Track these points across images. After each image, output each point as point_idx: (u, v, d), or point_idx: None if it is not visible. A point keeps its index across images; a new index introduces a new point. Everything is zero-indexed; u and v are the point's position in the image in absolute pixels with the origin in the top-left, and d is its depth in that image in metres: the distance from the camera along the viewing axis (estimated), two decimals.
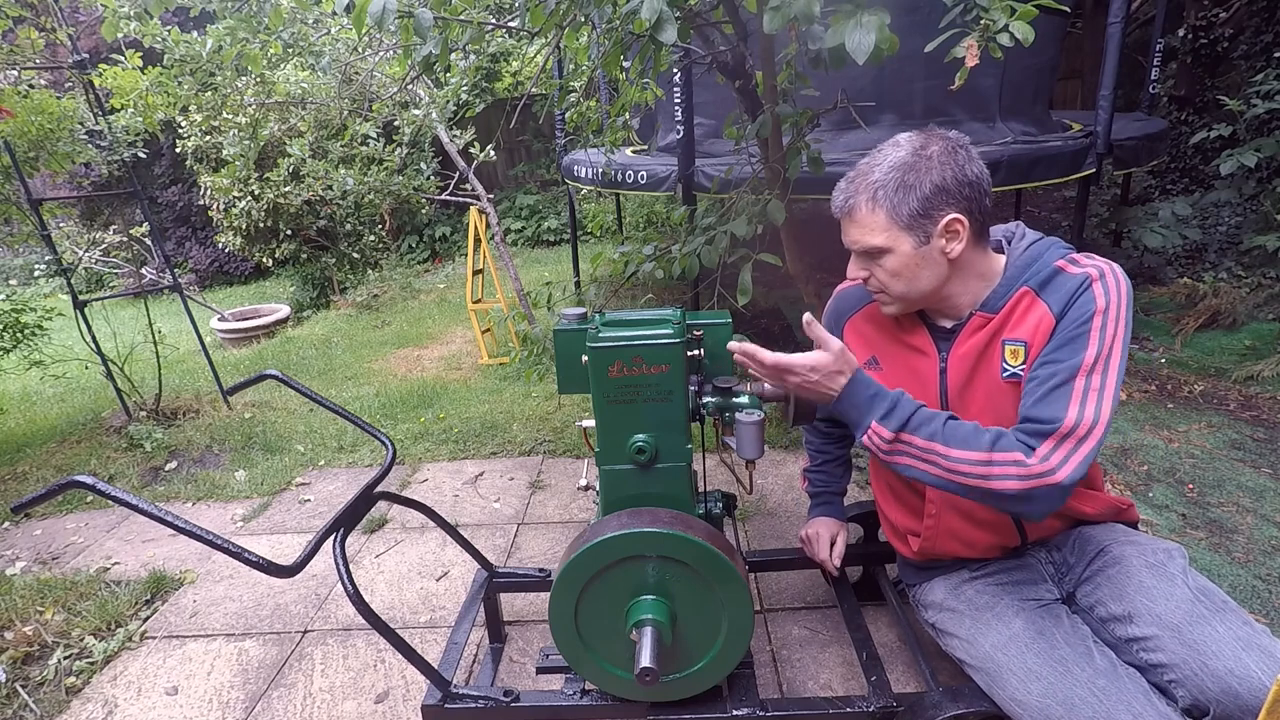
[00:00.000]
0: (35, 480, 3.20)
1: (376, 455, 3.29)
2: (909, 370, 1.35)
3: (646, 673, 1.21)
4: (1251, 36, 5.36)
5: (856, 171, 1.23)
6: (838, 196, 1.25)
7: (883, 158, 1.20)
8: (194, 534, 1.13)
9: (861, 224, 1.21)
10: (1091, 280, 1.16)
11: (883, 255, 1.21)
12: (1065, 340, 1.15)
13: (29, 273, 9.10)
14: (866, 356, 1.41)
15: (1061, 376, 1.13)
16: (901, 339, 1.36)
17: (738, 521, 2.48)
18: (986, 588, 1.34)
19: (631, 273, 2.71)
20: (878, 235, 1.20)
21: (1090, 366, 1.12)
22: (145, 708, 1.88)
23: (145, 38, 2.99)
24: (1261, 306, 3.85)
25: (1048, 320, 1.18)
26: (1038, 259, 1.23)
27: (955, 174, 1.15)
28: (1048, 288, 1.20)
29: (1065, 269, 1.20)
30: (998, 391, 1.24)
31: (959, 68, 1.53)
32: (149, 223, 3.91)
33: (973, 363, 1.26)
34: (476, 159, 4.72)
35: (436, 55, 2.11)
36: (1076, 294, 1.16)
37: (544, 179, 8.99)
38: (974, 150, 1.20)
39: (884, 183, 1.17)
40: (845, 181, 1.24)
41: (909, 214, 1.17)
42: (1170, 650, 1.10)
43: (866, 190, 1.19)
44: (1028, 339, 1.20)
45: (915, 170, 1.16)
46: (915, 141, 1.19)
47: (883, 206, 1.18)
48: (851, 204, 1.22)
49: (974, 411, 1.27)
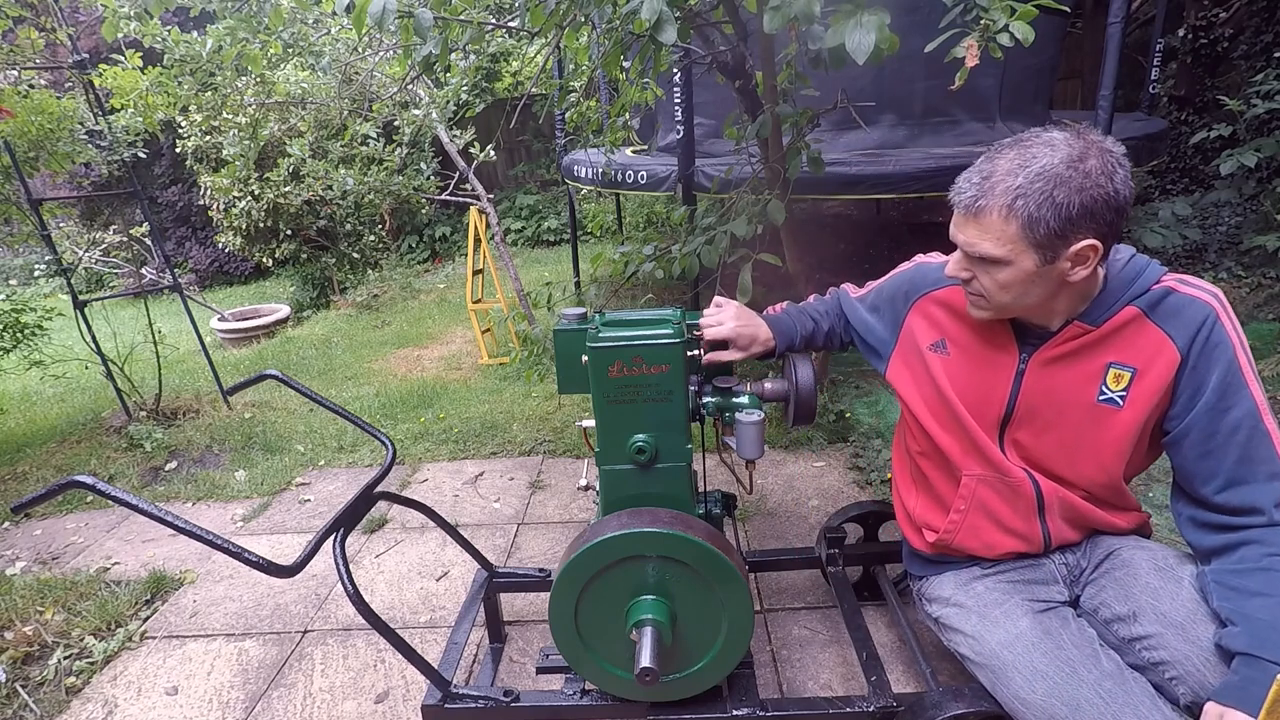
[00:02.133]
0: (35, 480, 3.20)
1: (376, 455, 3.29)
2: (981, 362, 1.27)
3: (646, 673, 1.21)
4: (1251, 36, 5.36)
5: (994, 166, 1.06)
6: (966, 190, 1.08)
7: (1030, 158, 1.02)
8: (194, 534, 1.13)
9: (987, 229, 1.06)
10: (1217, 314, 1.09)
11: (997, 266, 1.08)
12: (1221, 389, 1.08)
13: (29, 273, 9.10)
14: (935, 338, 1.33)
15: (1246, 430, 1.07)
16: (981, 330, 1.27)
17: (738, 521, 2.48)
18: (996, 585, 1.33)
19: (631, 273, 2.71)
20: (1001, 246, 1.06)
21: (1265, 407, 1.08)
22: (145, 708, 1.88)
23: (145, 38, 2.99)
24: (1261, 306, 3.85)
25: (1171, 354, 1.10)
26: (1140, 274, 1.14)
27: (1108, 197, 1.01)
28: (1160, 311, 1.12)
29: (1177, 289, 1.12)
30: (1085, 413, 1.18)
31: (959, 68, 1.53)
32: (149, 223, 3.91)
33: (1057, 375, 1.19)
34: (476, 159, 4.72)
35: (436, 55, 2.11)
36: (1205, 330, 1.08)
37: (544, 179, 8.99)
38: (1128, 166, 1.05)
39: (1027, 191, 1.01)
40: (979, 175, 1.07)
41: (1045, 233, 1.02)
42: (1173, 647, 1.10)
43: (1005, 195, 1.03)
44: (1139, 366, 1.12)
45: (1067, 186, 1.00)
46: (1073, 148, 1.02)
47: (1019, 217, 1.02)
48: (983, 205, 1.05)
49: (1042, 425, 1.23)
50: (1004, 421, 1.28)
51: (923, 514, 1.44)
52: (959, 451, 1.32)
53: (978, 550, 1.36)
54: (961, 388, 1.29)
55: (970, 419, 1.28)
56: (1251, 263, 4.33)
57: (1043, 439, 1.25)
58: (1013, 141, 1.07)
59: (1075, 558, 1.35)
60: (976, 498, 1.31)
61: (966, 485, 1.32)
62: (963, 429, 1.29)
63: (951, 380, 1.30)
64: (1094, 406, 1.17)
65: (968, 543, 1.35)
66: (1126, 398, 1.15)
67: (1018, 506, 1.29)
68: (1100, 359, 1.16)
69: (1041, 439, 1.25)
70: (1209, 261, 4.57)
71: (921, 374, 1.35)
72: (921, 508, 1.45)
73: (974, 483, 1.31)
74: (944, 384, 1.30)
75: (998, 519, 1.31)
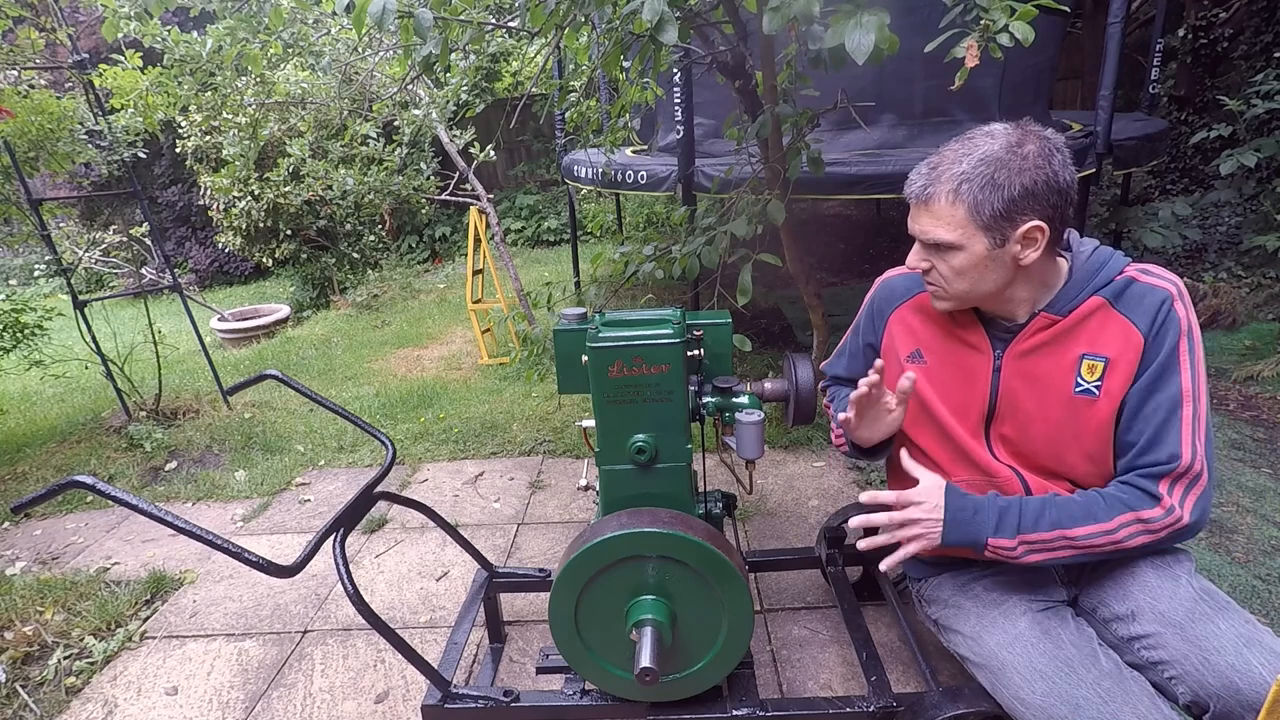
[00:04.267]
0: (35, 480, 3.20)
1: (376, 455, 3.29)
2: (957, 365, 1.31)
3: (646, 673, 1.21)
4: (1251, 36, 5.36)
5: (941, 158, 1.14)
6: (916, 181, 1.16)
7: (973, 147, 1.11)
8: (194, 534, 1.13)
9: (937, 216, 1.13)
10: (1173, 298, 1.14)
11: (951, 251, 1.15)
12: (1159, 369, 1.13)
13: (29, 273, 9.10)
14: (912, 349, 1.37)
15: (1164, 410, 1.12)
16: (954, 332, 1.31)
17: (738, 521, 2.48)
18: (995, 585, 1.33)
19: (631, 273, 2.71)
20: (952, 231, 1.13)
21: (1189, 394, 1.12)
22: (145, 708, 1.88)
23: (145, 38, 2.99)
24: (1261, 306, 3.85)
25: (1135, 337, 1.15)
26: (1104, 265, 1.19)
27: (1048, 179, 1.08)
28: (1125, 299, 1.16)
29: (1139, 279, 1.17)
30: (1064, 405, 1.21)
31: (959, 68, 1.53)
32: (149, 223, 3.92)
33: (1033, 366, 1.23)
34: (476, 159, 4.72)
35: (436, 55, 2.11)
36: (1162, 313, 1.13)
37: (544, 179, 8.99)
38: (1069, 154, 1.12)
39: (970, 176, 1.09)
40: (927, 167, 1.15)
41: (991, 214, 1.09)
42: (1172, 647, 1.10)
43: (950, 181, 1.11)
44: (1111, 355, 1.16)
45: (1007, 169, 1.08)
46: (1011, 136, 1.10)
47: (965, 201, 1.10)
48: (931, 193, 1.13)
49: (1025, 418, 1.25)
50: (988, 419, 1.30)
51: None
52: (946, 459, 1.35)
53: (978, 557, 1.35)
54: (943, 392, 1.32)
55: (955, 425, 1.31)
56: (1251, 263, 4.33)
57: (1028, 432, 1.26)
58: (960, 138, 1.15)
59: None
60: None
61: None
62: (947, 437, 1.33)
63: (933, 387, 1.33)
64: (1072, 398, 1.20)
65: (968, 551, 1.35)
66: (1102, 387, 1.18)
67: None
68: (1072, 350, 1.20)
69: (1027, 432, 1.27)
70: (1209, 261, 4.57)
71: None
72: None
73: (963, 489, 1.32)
74: (926, 394, 1.34)
75: None
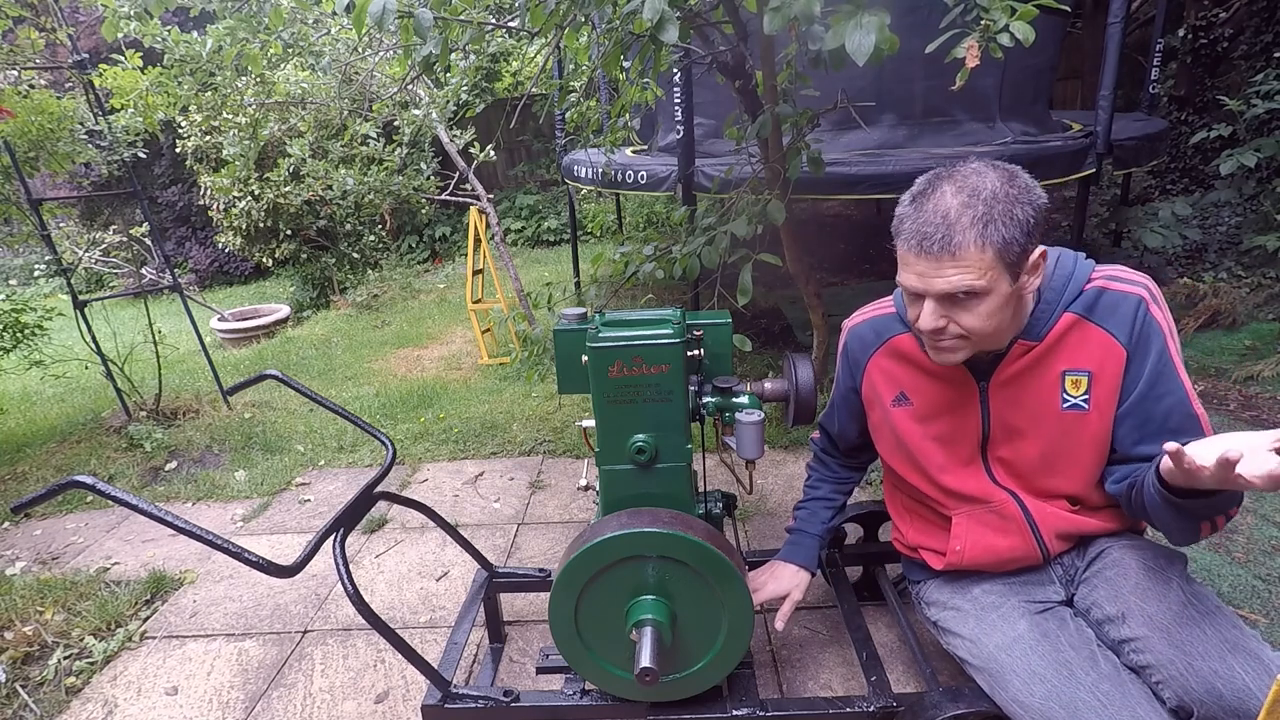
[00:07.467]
0: (35, 480, 3.20)
1: (376, 455, 3.29)
2: (944, 401, 1.30)
3: (646, 673, 1.21)
4: (1251, 36, 5.36)
5: (944, 205, 1.05)
6: (934, 234, 1.04)
7: (974, 188, 1.04)
8: (194, 534, 1.13)
9: (966, 264, 1.04)
10: (1146, 302, 1.15)
11: (977, 298, 1.07)
12: (1154, 377, 1.14)
13: (29, 273, 9.10)
14: (895, 393, 1.35)
15: (1179, 416, 1.13)
16: (934, 370, 1.29)
17: (738, 521, 2.48)
18: (993, 587, 1.34)
19: (632, 273, 2.71)
20: (983, 275, 1.04)
21: (1191, 393, 1.14)
22: (145, 708, 1.88)
23: (145, 38, 2.99)
24: (1261, 306, 3.85)
25: (1116, 350, 1.15)
26: (1069, 278, 1.18)
27: (1043, 204, 1.07)
28: (1098, 311, 1.16)
29: (1109, 287, 1.17)
30: (1055, 421, 1.22)
31: (959, 68, 1.53)
32: (149, 223, 3.92)
33: (1019, 391, 1.23)
34: (476, 159, 4.72)
35: (436, 55, 2.11)
36: (1139, 320, 1.14)
37: (544, 179, 8.99)
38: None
39: (991, 217, 1.03)
40: (939, 217, 1.04)
41: (1018, 250, 1.04)
42: (1158, 651, 1.10)
43: (974, 225, 1.03)
44: (1093, 369, 1.17)
45: (1020, 203, 1.03)
46: (997, 170, 1.06)
47: (993, 244, 1.03)
48: (959, 242, 1.03)
49: (1020, 438, 1.26)
50: (984, 444, 1.31)
51: (918, 539, 1.48)
52: (941, 495, 1.36)
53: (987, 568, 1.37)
54: (935, 429, 1.32)
55: (948, 461, 1.32)
56: (1251, 263, 4.33)
57: (1024, 451, 1.27)
58: (933, 181, 1.08)
59: (1070, 557, 1.36)
60: (970, 534, 1.34)
61: (958, 523, 1.35)
62: (937, 476, 1.34)
63: (923, 426, 1.33)
64: (1061, 414, 1.21)
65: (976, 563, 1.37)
66: (1090, 400, 1.19)
67: (1009, 530, 1.31)
68: (1053, 369, 1.20)
69: (1023, 451, 1.27)
70: (1209, 261, 4.57)
71: (890, 431, 1.39)
72: (919, 537, 1.48)
73: (964, 519, 1.34)
74: (914, 438, 1.34)
75: (995, 546, 1.33)
